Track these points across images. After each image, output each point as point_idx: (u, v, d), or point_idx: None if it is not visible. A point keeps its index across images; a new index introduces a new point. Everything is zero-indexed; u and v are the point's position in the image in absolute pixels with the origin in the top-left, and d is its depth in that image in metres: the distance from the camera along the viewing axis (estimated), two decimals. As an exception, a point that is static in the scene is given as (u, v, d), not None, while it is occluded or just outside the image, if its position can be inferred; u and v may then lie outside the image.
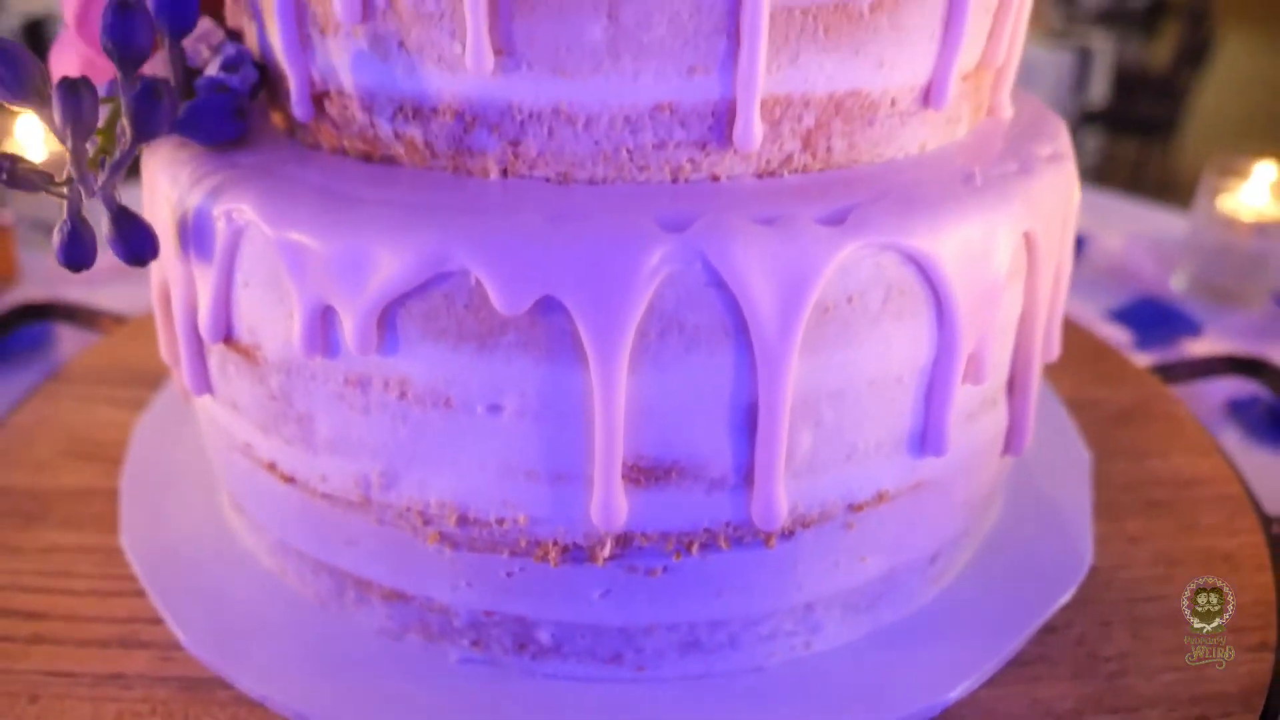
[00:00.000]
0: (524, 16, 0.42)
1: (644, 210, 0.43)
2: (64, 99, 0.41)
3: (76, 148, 0.42)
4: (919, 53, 0.47)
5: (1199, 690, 0.53)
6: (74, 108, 0.41)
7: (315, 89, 0.49)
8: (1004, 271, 0.48)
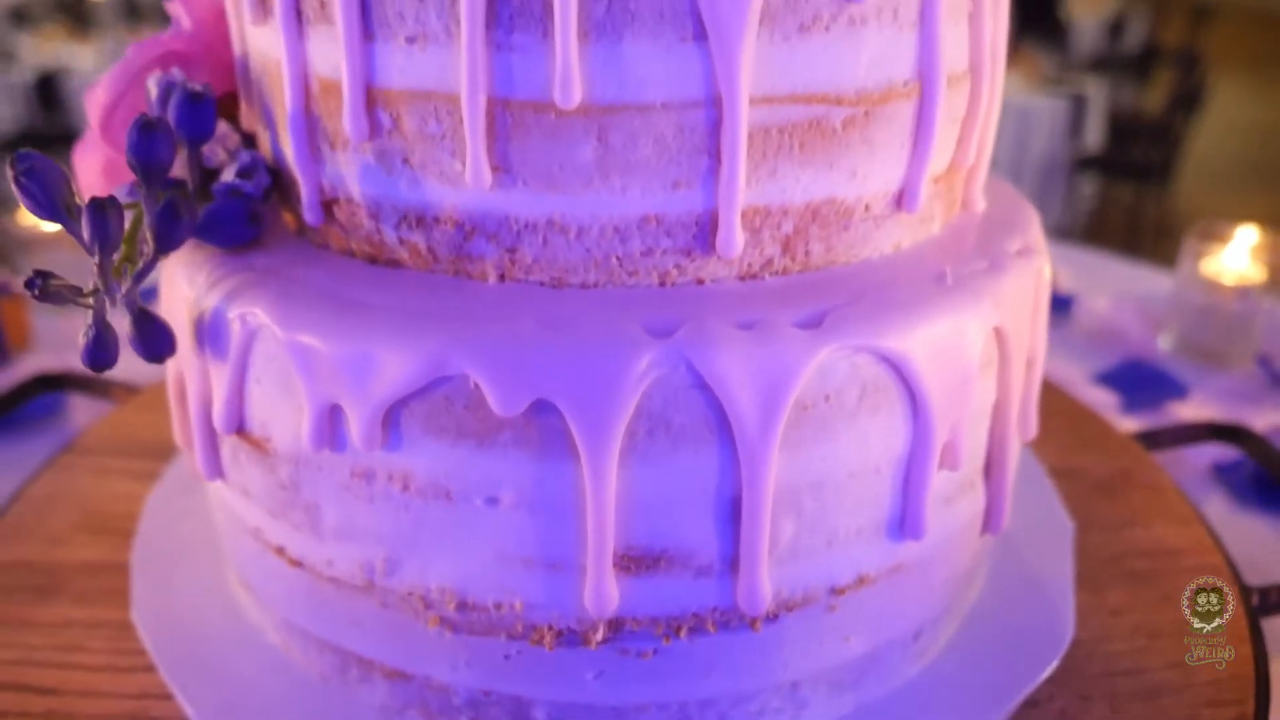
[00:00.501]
0: (519, 138, 0.45)
1: (632, 315, 0.45)
2: (93, 218, 0.44)
3: (104, 262, 0.45)
4: (891, 162, 0.50)
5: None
6: (102, 226, 0.44)
7: (325, 196, 0.52)
8: (975, 365, 0.51)
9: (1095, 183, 5.71)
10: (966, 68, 0.52)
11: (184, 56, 0.59)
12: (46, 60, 5.84)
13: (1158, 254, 5.50)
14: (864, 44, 0.46)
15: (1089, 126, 5.62)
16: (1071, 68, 6.44)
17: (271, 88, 0.53)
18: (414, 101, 0.46)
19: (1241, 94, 7.21)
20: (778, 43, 0.44)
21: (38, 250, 1.33)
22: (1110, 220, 5.91)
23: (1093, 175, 5.62)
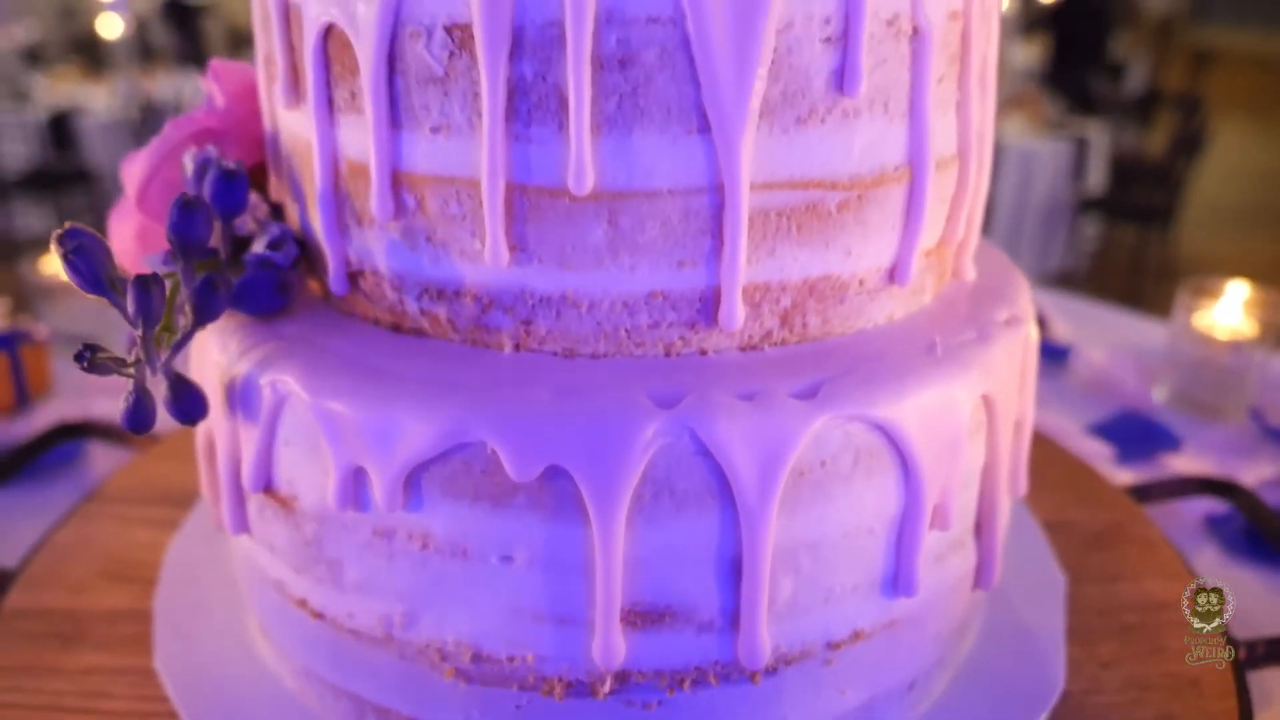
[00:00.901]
0: (535, 220, 0.49)
1: (639, 385, 0.49)
2: (138, 295, 0.48)
3: (147, 335, 0.49)
4: (883, 241, 0.54)
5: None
6: (146, 303, 0.48)
7: (351, 268, 0.56)
8: (964, 432, 0.54)
9: (1098, 225, 5.77)
10: (955, 152, 0.56)
11: (217, 133, 0.64)
12: (59, 99, 5.96)
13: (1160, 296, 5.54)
14: (857, 134, 0.50)
15: (1091, 169, 5.69)
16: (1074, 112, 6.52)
17: (302, 166, 0.56)
18: (437, 185, 0.50)
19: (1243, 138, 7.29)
20: (776, 134, 0.48)
21: (57, 298, 1.38)
22: (1113, 262, 5.95)
23: (1095, 217, 5.67)
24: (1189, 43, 8.98)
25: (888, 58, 0.49)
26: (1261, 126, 7.49)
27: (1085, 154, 5.58)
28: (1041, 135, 5.51)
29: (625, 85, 0.46)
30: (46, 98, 6.10)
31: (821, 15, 0.47)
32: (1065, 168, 5.48)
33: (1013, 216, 5.49)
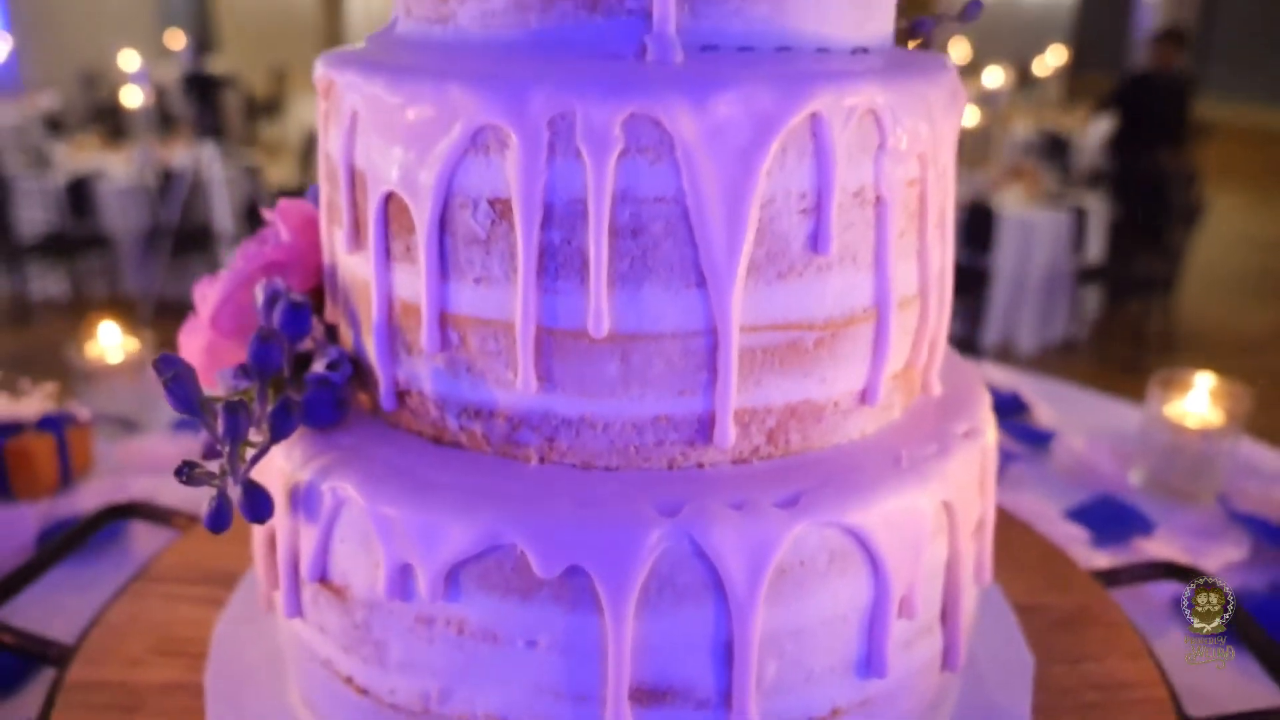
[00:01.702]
0: (560, 357, 0.59)
1: (646, 496, 0.58)
2: (227, 418, 0.58)
3: (233, 452, 0.59)
4: (854, 370, 0.64)
5: None
6: (233, 425, 0.58)
7: (399, 388, 0.66)
8: (926, 534, 0.63)
9: (1099, 294, 5.87)
10: (916, 292, 0.66)
11: (282, 264, 0.74)
12: (79, 166, 6.17)
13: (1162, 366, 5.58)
14: (829, 284, 0.60)
15: (1091, 239, 5.81)
16: (1073, 183, 6.67)
17: (359, 300, 0.67)
18: (478, 326, 0.60)
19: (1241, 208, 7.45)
20: (761, 287, 0.58)
21: (99, 380, 1.48)
22: (1116, 331, 6.04)
23: (1096, 287, 5.77)
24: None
25: (855, 222, 0.60)
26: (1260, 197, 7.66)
27: (1084, 224, 5.70)
28: (1040, 205, 5.64)
29: (636, 249, 0.56)
30: (66, 164, 6.31)
31: (798, 191, 0.57)
32: (1065, 237, 5.61)
33: (1013, 286, 5.59)
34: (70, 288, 5.97)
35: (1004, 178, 6.09)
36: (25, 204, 5.87)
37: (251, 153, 7.04)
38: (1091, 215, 5.73)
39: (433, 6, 0.63)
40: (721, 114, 0.53)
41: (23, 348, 5.54)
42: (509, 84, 0.54)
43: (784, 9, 0.59)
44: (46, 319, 5.94)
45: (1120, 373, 5.29)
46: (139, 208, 6.03)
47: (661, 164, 0.55)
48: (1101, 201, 5.88)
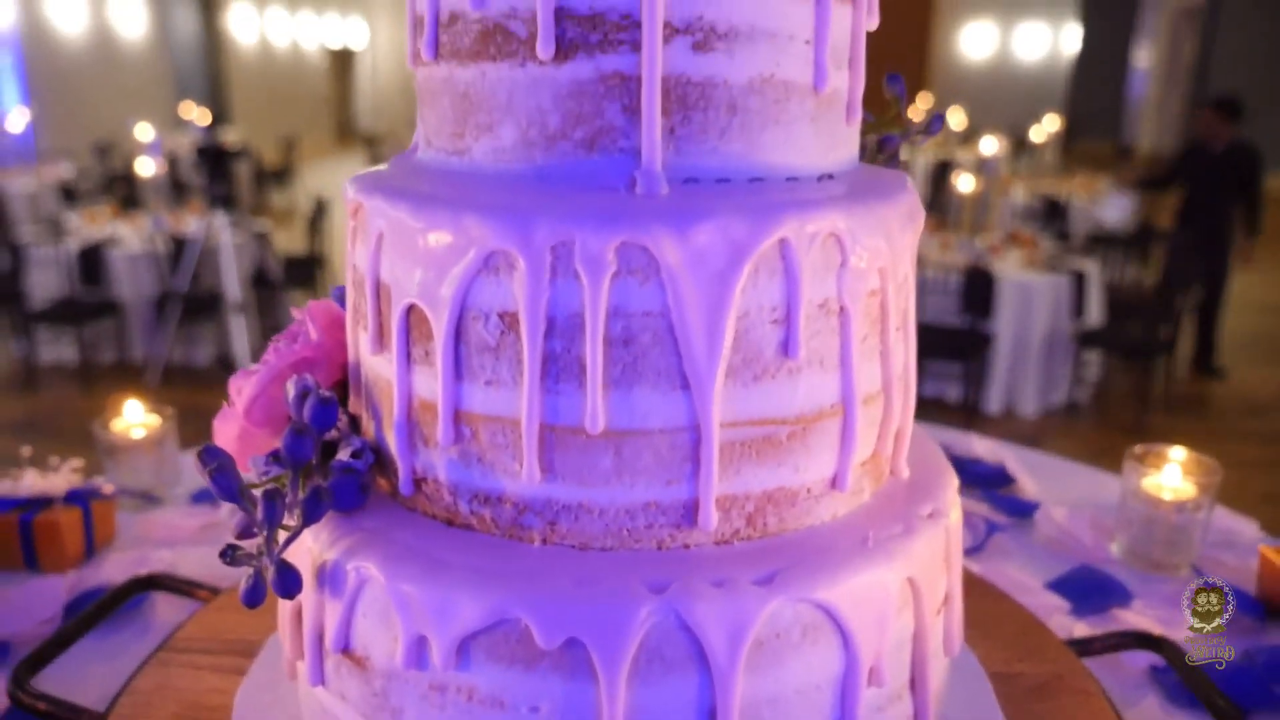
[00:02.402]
0: (561, 450, 0.67)
1: (637, 575, 0.66)
2: (266, 506, 0.66)
3: (270, 536, 0.67)
4: (825, 459, 0.71)
5: None
6: (271, 512, 0.66)
7: (416, 476, 0.74)
8: (892, 609, 0.70)
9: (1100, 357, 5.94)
10: (879, 389, 0.74)
11: (311, 360, 0.83)
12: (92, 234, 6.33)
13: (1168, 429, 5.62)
14: (800, 384, 0.68)
15: (1090, 303, 5.90)
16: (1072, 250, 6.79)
17: (381, 396, 0.75)
18: (488, 422, 0.68)
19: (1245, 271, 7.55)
20: (738, 388, 0.66)
21: (121, 455, 1.56)
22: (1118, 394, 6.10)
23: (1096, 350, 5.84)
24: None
25: (821, 330, 0.68)
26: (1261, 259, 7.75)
27: (1083, 288, 5.80)
28: (1039, 270, 5.75)
29: (628, 357, 0.65)
30: (80, 232, 6.47)
31: (770, 305, 0.66)
32: (1065, 301, 5.70)
33: (1014, 350, 5.67)
34: (79, 352, 6.08)
35: (1003, 243, 6.22)
36: (38, 270, 6.01)
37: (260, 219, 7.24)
38: (1089, 280, 5.83)
39: (450, 141, 0.73)
40: (701, 241, 0.62)
41: (30, 413, 5.63)
42: (517, 215, 0.63)
43: (756, 146, 0.68)
44: (55, 384, 6.05)
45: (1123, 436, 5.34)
46: (149, 274, 6.17)
47: (649, 284, 0.63)
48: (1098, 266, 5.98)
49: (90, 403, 5.72)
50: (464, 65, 0.70)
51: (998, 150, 7.72)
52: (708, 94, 0.66)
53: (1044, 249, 6.23)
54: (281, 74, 16.38)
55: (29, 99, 10.11)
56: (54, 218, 7.02)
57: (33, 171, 8.33)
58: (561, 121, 0.67)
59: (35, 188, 7.99)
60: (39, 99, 10.22)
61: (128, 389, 6.38)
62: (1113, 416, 5.92)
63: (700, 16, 0.65)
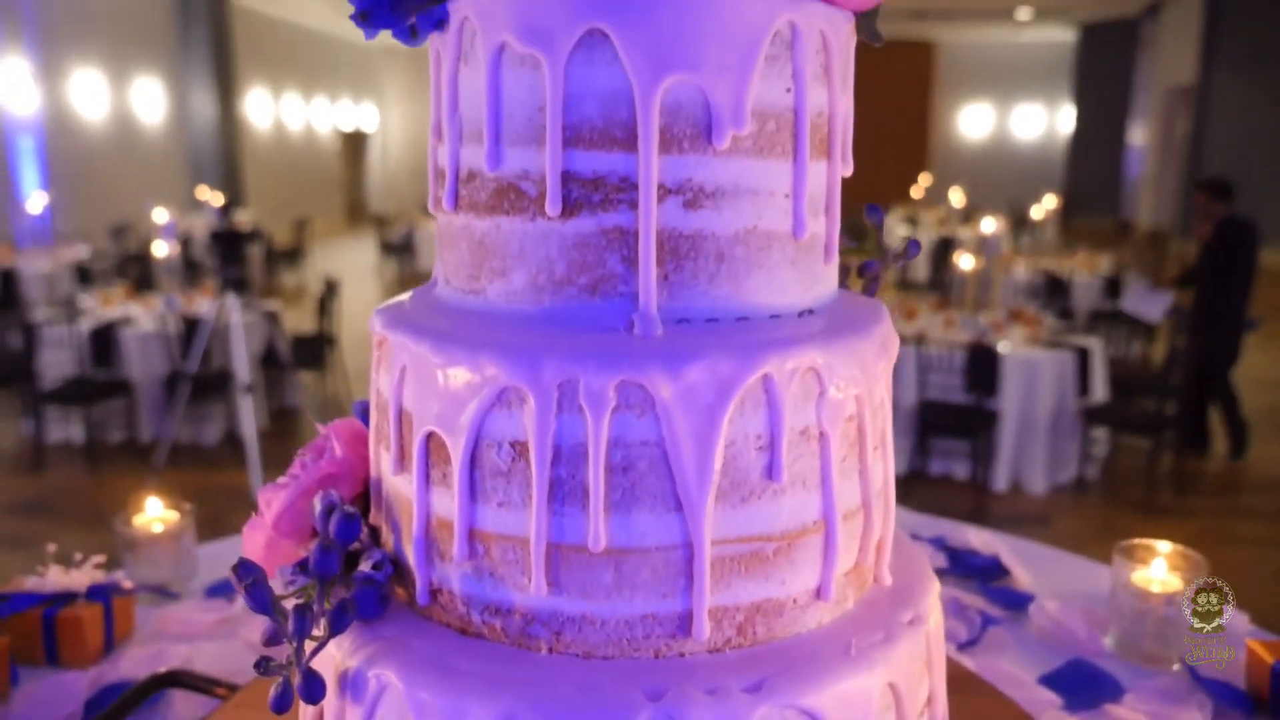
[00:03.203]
0: (565, 566, 0.74)
1: (635, 682, 0.72)
2: (296, 619, 0.72)
3: (300, 647, 0.73)
4: (809, 572, 0.78)
5: None
6: (301, 625, 0.72)
7: (433, 587, 0.80)
8: (875, 712, 0.76)
9: (1108, 434, 5.96)
10: (859, 505, 0.81)
11: (336, 476, 0.90)
12: (105, 314, 6.48)
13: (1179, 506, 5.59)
14: (784, 504, 0.75)
15: (1095, 380, 5.95)
16: (1076, 329, 6.86)
17: (400, 512, 0.82)
18: (500, 540, 0.75)
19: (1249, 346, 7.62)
20: (727, 509, 0.74)
21: (141, 550, 1.62)
22: (1127, 471, 6.10)
23: (1104, 427, 5.86)
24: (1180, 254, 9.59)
25: (803, 454, 0.76)
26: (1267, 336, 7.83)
27: (1088, 365, 5.86)
28: (1042, 347, 5.82)
29: (626, 482, 0.72)
30: (93, 312, 6.61)
31: (755, 434, 0.74)
32: (1069, 378, 5.75)
33: (1020, 428, 5.70)
34: (87, 431, 6.17)
35: (1006, 320, 6.31)
36: (50, 350, 6.13)
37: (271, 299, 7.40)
38: (1094, 357, 5.89)
39: (467, 282, 0.81)
40: (692, 379, 0.70)
41: (37, 493, 5.68)
42: (527, 356, 0.71)
43: (742, 289, 0.77)
44: (62, 463, 6.11)
45: (1134, 514, 5.35)
46: (160, 354, 6.29)
47: (646, 417, 0.71)
48: (1101, 343, 6.05)
49: (97, 482, 5.79)
50: (480, 217, 0.79)
51: (998, 229, 7.87)
52: (698, 245, 0.75)
53: (1047, 326, 6.31)
54: (295, 157, 16.85)
55: (48, 182, 10.42)
56: (69, 298, 7.19)
57: (49, 253, 8.55)
58: (567, 269, 0.75)
59: (51, 268, 8.19)
60: (58, 182, 10.53)
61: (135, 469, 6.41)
62: (1122, 493, 5.92)
63: (690, 179, 0.74)
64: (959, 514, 5.34)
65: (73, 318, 6.08)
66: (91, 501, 5.64)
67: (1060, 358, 5.72)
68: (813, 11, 0.76)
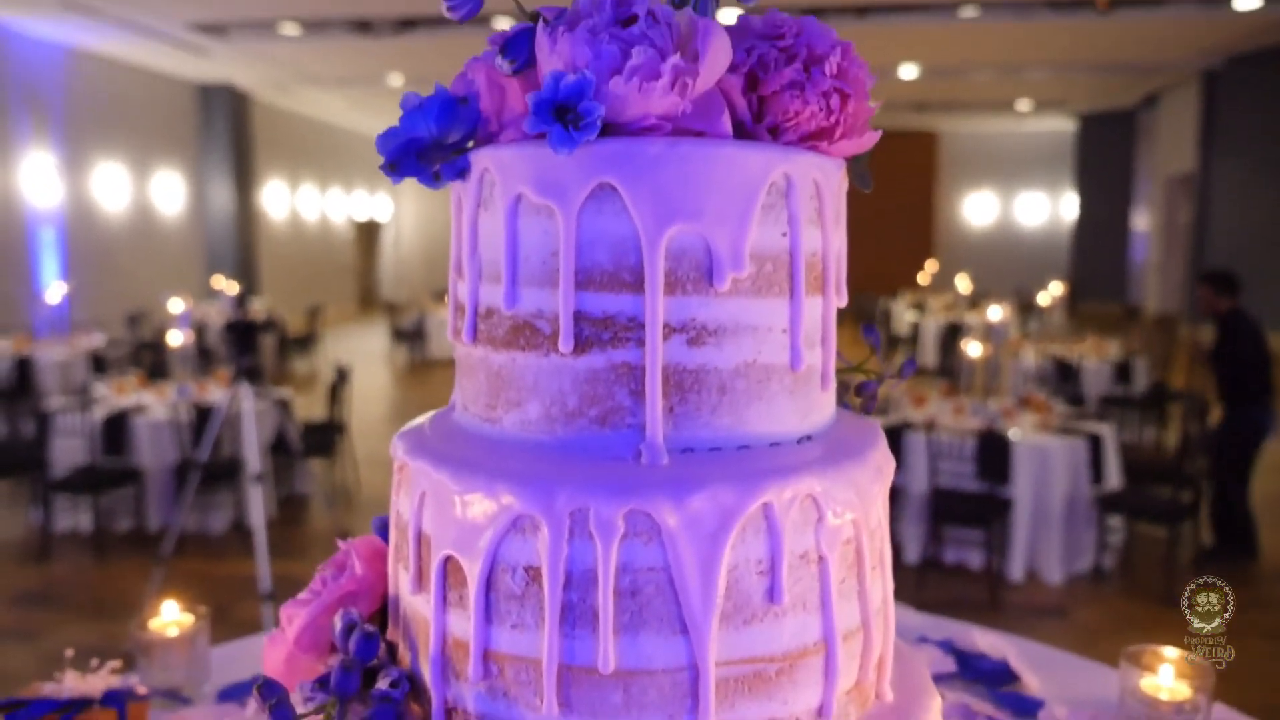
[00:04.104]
0: (576, 686, 0.77)
1: (644, 804, 0.74)
2: (319, 740, 0.76)
3: (321, 768, 0.76)
4: (811, 691, 0.81)
5: None
6: (324, 745, 0.76)
7: (448, 705, 0.84)
8: (876, 833, 0.78)
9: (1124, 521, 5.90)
10: (859, 625, 0.85)
11: (356, 594, 0.95)
12: (118, 403, 6.55)
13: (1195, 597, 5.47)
14: (785, 626, 0.79)
15: (1108, 467, 5.93)
16: (1084, 412, 6.85)
17: (418, 632, 0.86)
18: (514, 661, 0.79)
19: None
20: (730, 632, 0.77)
21: (155, 654, 1.65)
22: (1145, 558, 6.03)
23: (1119, 515, 5.80)
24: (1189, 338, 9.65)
25: (802, 577, 0.80)
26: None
27: (1100, 451, 5.84)
28: (1053, 433, 5.82)
29: (634, 606, 0.76)
30: (106, 401, 6.69)
31: (756, 559, 0.78)
32: (1082, 465, 5.74)
33: (1034, 515, 5.67)
34: (95, 519, 6.18)
35: (1016, 407, 6.32)
36: (62, 438, 6.19)
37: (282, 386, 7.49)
38: (1106, 442, 5.88)
39: (484, 410, 0.87)
40: (695, 508, 0.75)
41: (43, 583, 5.68)
42: (541, 486, 0.76)
43: (742, 420, 0.82)
44: (68, 552, 6.12)
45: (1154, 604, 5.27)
46: (171, 442, 6.34)
47: (652, 544, 0.76)
48: (1114, 430, 6.04)
49: (103, 573, 5.78)
50: (498, 351, 0.85)
51: (1004, 316, 7.96)
52: (701, 379, 0.81)
53: (1058, 412, 6.32)
54: (310, 245, 17.23)
55: (67, 272, 10.67)
56: (83, 386, 7.29)
57: (66, 341, 8.70)
58: (579, 401, 0.81)
59: (67, 356, 8.33)
60: (77, 271, 10.78)
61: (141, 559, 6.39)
62: (1141, 583, 5.85)
63: (693, 318, 0.80)
64: (974, 604, 5.26)
65: (86, 406, 6.16)
66: (97, 592, 5.63)
67: (1072, 444, 5.72)
68: (806, 162, 0.83)
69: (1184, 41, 11.83)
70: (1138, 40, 11.65)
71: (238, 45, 11.43)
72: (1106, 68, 13.51)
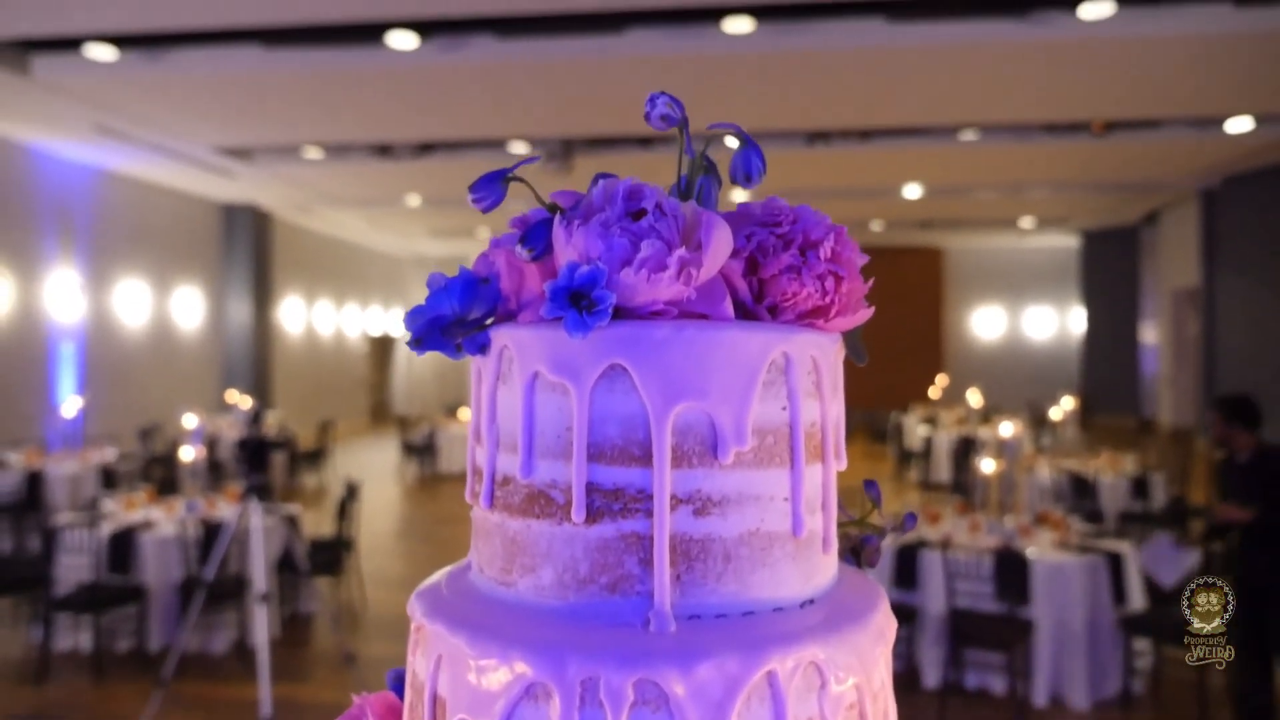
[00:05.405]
0: None
1: None
2: None
3: None
4: None
5: None
6: None
7: None
8: None
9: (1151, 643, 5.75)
10: (863, 790, 0.86)
11: (370, 752, 0.97)
12: (126, 518, 6.56)
13: (1228, 721, 5.27)
14: (791, 794, 0.81)
15: (1130, 586, 5.80)
16: (1103, 529, 6.77)
17: (431, 794, 0.88)
18: (524, 830, 0.81)
19: None
20: (738, 801, 0.79)
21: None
22: (1176, 682, 5.86)
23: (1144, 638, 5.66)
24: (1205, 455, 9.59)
25: (807, 744, 0.82)
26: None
27: (1121, 569, 5.73)
28: (1071, 552, 5.74)
29: (643, 775, 0.78)
30: (115, 516, 6.69)
31: (761, 726, 0.80)
32: (1103, 584, 5.63)
33: (1056, 637, 5.54)
34: (95, 639, 6.10)
35: (1032, 524, 6.26)
36: (68, 555, 6.17)
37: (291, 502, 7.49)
38: (1126, 560, 5.77)
39: (500, 574, 0.91)
40: (702, 677, 0.78)
41: (39, 705, 5.58)
42: (554, 654, 0.80)
43: (747, 586, 0.86)
44: (67, 672, 6.02)
45: (1186, 734, 5.10)
46: (176, 560, 6.31)
47: (660, 711, 0.79)
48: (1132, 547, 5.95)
49: (101, 695, 5.68)
50: (513, 517, 0.90)
51: (1016, 431, 7.96)
52: (706, 548, 0.85)
53: (1075, 529, 6.25)
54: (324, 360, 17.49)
55: (84, 386, 10.83)
56: (92, 501, 7.31)
57: (77, 455, 8.78)
58: (590, 569, 0.85)
59: (78, 470, 8.38)
60: (94, 385, 10.95)
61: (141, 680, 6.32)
62: (1172, 709, 5.67)
63: (699, 489, 0.85)
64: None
65: (93, 522, 6.17)
66: (94, 715, 5.52)
67: (1092, 563, 5.64)
68: (804, 340, 0.90)
69: (1180, 162, 12.19)
70: (1135, 161, 12.02)
71: (263, 168, 11.91)
72: (1106, 186, 13.88)
